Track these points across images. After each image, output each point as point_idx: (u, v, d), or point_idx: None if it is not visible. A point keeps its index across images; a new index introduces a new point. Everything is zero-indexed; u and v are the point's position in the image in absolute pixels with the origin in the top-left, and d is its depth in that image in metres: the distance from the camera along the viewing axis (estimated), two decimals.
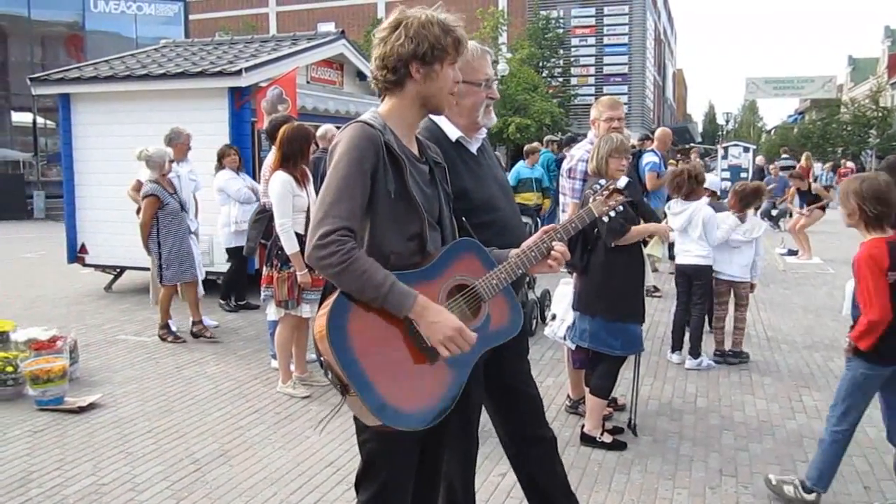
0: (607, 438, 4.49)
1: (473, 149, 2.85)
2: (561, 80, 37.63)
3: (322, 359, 2.17)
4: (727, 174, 28.51)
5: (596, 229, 4.34)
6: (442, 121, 2.78)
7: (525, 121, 30.03)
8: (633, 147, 10.38)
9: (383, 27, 2.34)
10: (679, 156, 17.66)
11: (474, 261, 2.38)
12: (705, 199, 6.21)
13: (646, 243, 4.73)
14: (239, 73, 8.26)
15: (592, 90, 38.09)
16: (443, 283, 2.27)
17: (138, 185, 7.30)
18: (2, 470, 4.18)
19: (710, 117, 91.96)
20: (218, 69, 8.45)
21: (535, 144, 12.18)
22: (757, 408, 5.20)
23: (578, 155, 4.83)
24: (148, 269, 9.61)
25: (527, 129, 29.74)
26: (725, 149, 29.95)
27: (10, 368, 5.34)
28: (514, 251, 2.48)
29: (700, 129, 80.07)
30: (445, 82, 2.33)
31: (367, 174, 2.18)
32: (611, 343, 4.40)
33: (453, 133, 2.78)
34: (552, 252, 2.47)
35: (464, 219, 2.49)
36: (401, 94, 2.34)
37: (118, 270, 9.64)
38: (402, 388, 2.17)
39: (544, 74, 35.74)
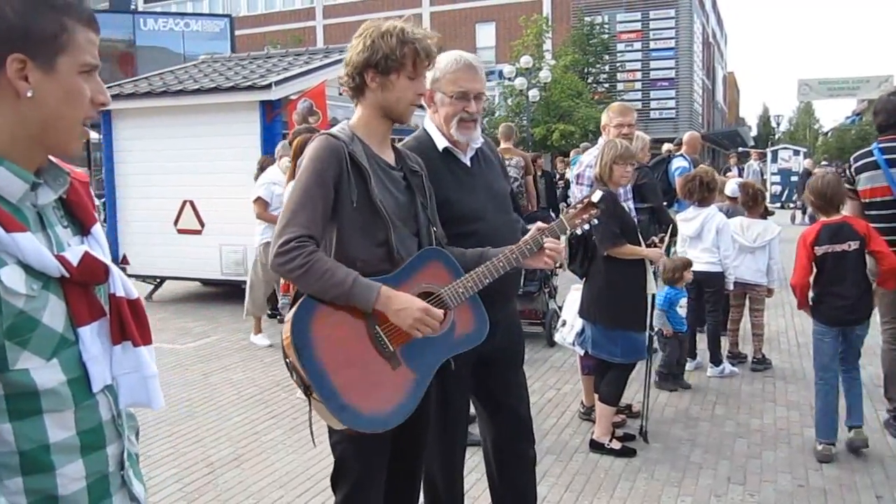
0: (616, 445, 4.47)
1: (465, 158, 2.84)
2: (607, 85, 37.33)
3: (287, 360, 2.25)
4: (777, 178, 28.03)
5: (594, 237, 4.34)
6: (432, 130, 2.83)
7: (569, 127, 29.89)
8: (670, 153, 10.30)
9: (355, 35, 2.42)
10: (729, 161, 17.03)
11: (441, 269, 2.44)
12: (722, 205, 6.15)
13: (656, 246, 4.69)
14: (269, 86, 8.45)
15: (639, 95, 37.74)
16: (408, 289, 2.33)
17: (263, 204, 7.15)
18: None
19: (764, 120, 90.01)
20: (249, 83, 8.66)
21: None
22: (776, 415, 5.11)
23: (587, 161, 4.85)
24: (191, 279, 9.94)
25: (571, 135, 29.58)
26: (774, 152, 29.44)
27: None
28: (495, 251, 2.53)
29: (754, 132, 78.49)
30: (403, 93, 2.38)
31: (327, 185, 2.27)
32: (611, 350, 4.40)
33: (441, 143, 2.79)
34: (545, 247, 2.53)
35: (434, 228, 2.53)
36: (364, 103, 2.43)
37: (158, 280, 9.93)
38: (363, 392, 2.25)
39: (589, 80, 35.50)
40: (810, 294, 4.42)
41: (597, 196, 2.67)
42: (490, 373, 2.91)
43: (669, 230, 4.81)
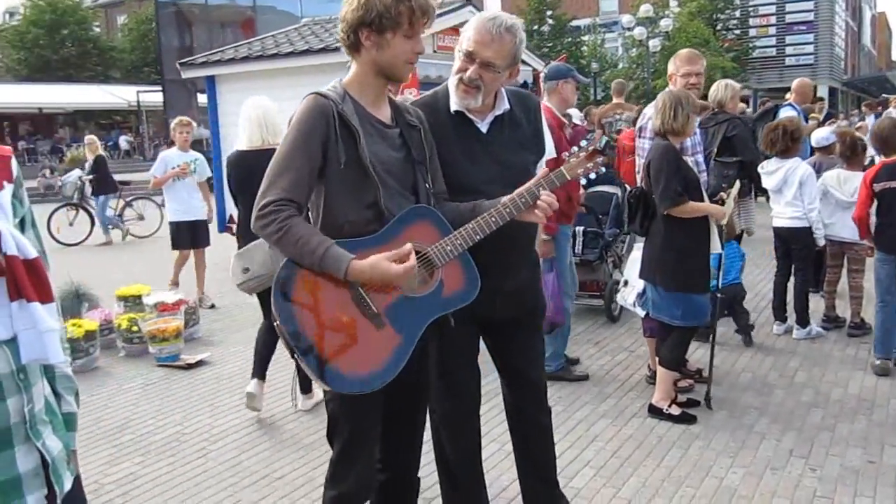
0: (675, 411, 4.28)
1: (482, 123, 2.67)
2: (738, 32, 35.28)
3: (276, 324, 2.27)
4: None
5: (653, 195, 4.12)
6: (452, 88, 2.69)
7: None
8: (777, 104, 9.61)
9: None
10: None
11: (429, 227, 2.37)
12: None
13: (723, 202, 4.41)
14: None
15: (773, 41, 35.52)
16: (393, 248, 2.28)
17: None
18: (108, 416, 4.70)
19: None
20: (338, 44, 8.73)
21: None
22: (863, 384, 4.72)
23: (650, 113, 4.58)
24: None
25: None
26: None
27: (135, 328, 5.94)
28: (489, 203, 2.43)
29: None
30: (399, 52, 2.28)
31: (313, 146, 2.24)
32: (672, 312, 4.19)
33: (454, 104, 2.65)
34: (538, 201, 2.40)
35: (427, 185, 2.45)
36: (359, 61, 2.36)
37: None
38: (345, 354, 2.24)
39: (718, 27, 33.65)
40: (874, 226, 4.95)
41: (602, 142, 2.49)
42: (500, 338, 2.85)
43: (734, 186, 4.47)
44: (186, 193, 7.57)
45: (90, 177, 12.87)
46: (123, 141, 35.80)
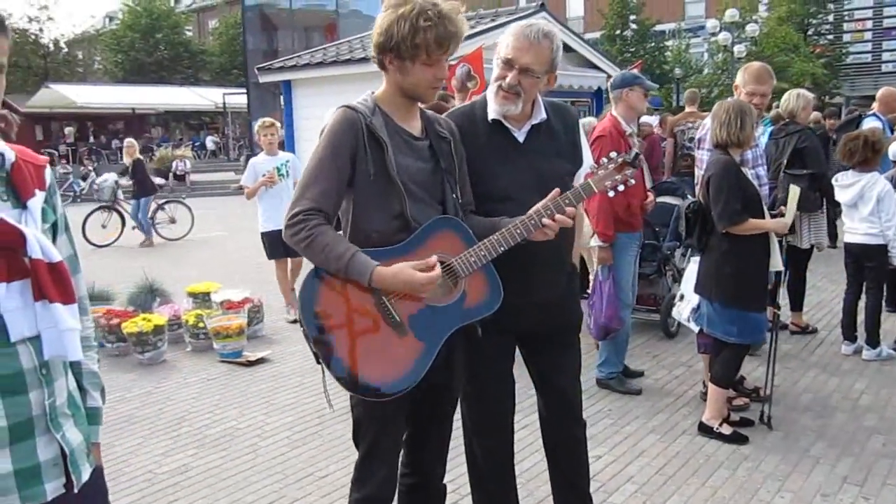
0: (726, 430, 4.17)
1: (519, 132, 2.68)
2: (831, 37, 33.92)
3: (302, 329, 2.34)
4: None
5: (713, 212, 4.03)
6: (491, 97, 2.70)
7: (781, 84, 27.52)
8: (861, 113, 9.25)
9: (383, 6, 2.41)
10: None
11: (453, 238, 2.40)
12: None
13: (782, 214, 4.27)
14: None
15: (869, 46, 34.01)
16: (418, 258, 2.32)
17: None
18: (169, 408, 4.90)
19: None
20: None
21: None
22: None
23: (710, 124, 4.47)
24: None
25: (782, 93, 27.30)
26: None
27: (201, 324, 6.16)
28: (509, 220, 2.43)
29: None
30: (420, 78, 2.33)
31: (342, 157, 2.30)
32: (727, 329, 4.09)
33: (493, 112, 2.66)
34: (543, 221, 2.37)
35: (454, 195, 2.48)
36: (387, 80, 2.41)
37: None
38: (367, 360, 2.29)
39: (809, 32, 32.44)
40: None
41: (631, 154, 2.47)
42: (535, 350, 2.85)
43: (793, 192, 4.31)
44: (279, 200, 6.79)
45: (129, 181, 13.14)
46: (210, 141, 37.08)
